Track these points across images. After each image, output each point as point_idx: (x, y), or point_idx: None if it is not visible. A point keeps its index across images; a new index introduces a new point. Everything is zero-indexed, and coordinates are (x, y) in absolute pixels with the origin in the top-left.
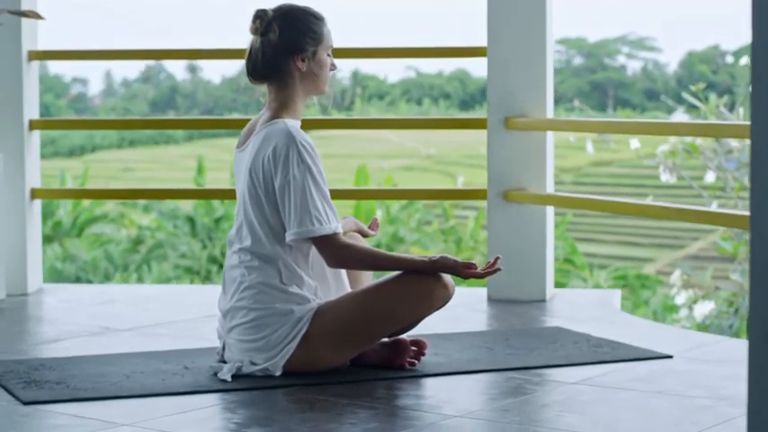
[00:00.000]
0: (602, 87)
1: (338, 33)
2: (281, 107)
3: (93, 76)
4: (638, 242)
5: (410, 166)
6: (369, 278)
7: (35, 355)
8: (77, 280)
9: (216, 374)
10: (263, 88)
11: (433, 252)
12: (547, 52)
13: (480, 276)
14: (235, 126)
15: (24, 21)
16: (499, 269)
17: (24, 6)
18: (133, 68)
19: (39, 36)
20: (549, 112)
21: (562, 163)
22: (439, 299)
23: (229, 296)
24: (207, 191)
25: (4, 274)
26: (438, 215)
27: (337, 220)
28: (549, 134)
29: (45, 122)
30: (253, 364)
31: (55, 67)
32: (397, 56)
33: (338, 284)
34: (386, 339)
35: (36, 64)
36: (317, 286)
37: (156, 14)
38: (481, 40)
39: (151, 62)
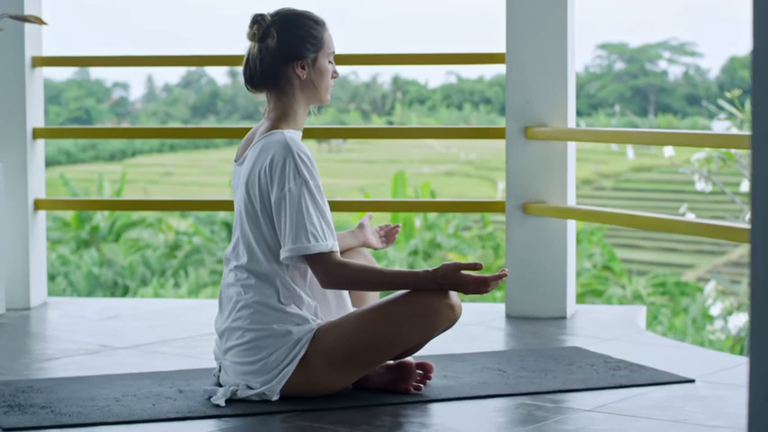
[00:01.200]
0: (644, 93)
1: (361, 38)
2: (281, 117)
3: (135, 80)
4: (678, 248)
5: (450, 172)
6: (375, 297)
7: (26, 376)
8: (114, 285)
9: (210, 399)
10: (262, 97)
11: (472, 259)
12: (568, 59)
13: (485, 284)
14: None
15: (27, 26)
16: (506, 275)
17: (28, 11)
18: (174, 73)
19: (44, 42)
20: (571, 122)
21: (603, 169)
22: (444, 320)
23: (225, 316)
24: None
25: (4, 288)
26: (476, 221)
27: (334, 238)
28: (571, 144)
29: (49, 131)
30: (248, 387)
31: (96, 71)
32: (411, 62)
33: (340, 304)
34: (391, 362)
35: (40, 71)
36: (317, 306)
37: (159, 20)
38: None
39: (192, 67)
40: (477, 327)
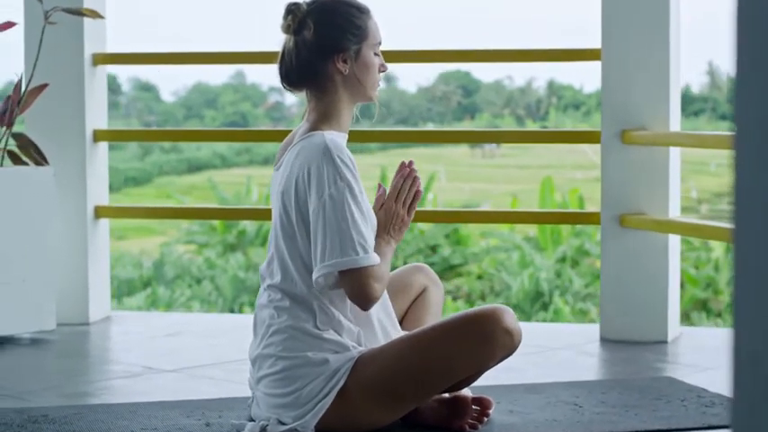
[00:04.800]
0: None
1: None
2: (322, 118)
3: None
4: None
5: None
6: (433, 317)
7: (49, 402)
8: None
9: None
10: (302, 96)
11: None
12: (671, 53)
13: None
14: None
15: (89, 21)
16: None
17: (88, 5)
18: None
19: (108, 38)
20: (675, 125)
21: None
22: (501, 348)
23: (258, 341)
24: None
25: (55, 302)
26: None
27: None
28: (674, 150)
29: (111, 133)
30: (280, 423)
31: (252, 75)
32: (497, 59)
33: (386, 332)
34: (446, 394)
35: (102, 69)
36: (360, 332)
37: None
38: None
39: None
40: (566, 351)
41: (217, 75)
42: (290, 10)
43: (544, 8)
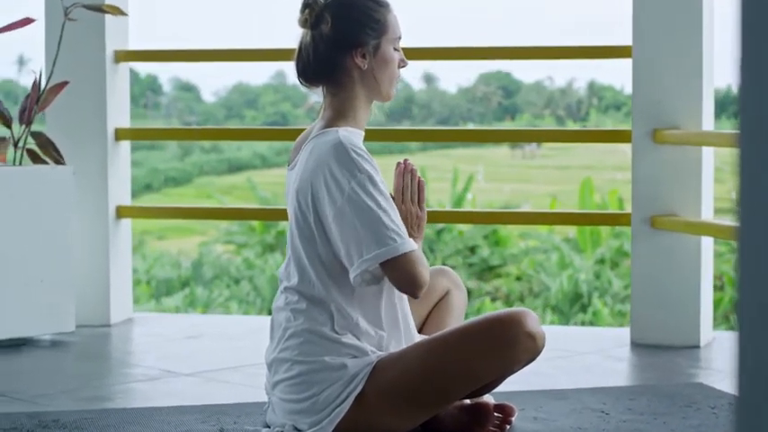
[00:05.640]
0: None
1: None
2: (338, 115)
3: None
4: None
5: None
6: (456, 319)
7: (63, 405)
8: None
9: None
10: (319, 93)
11: None
12: (704, 50)
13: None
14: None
15: (111, 18)
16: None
17: (110, 1)
18: None
19: (130, 35)
20: (708, 124)
21: None
22: (524, 352)
23: (274, 345)
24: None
25: (74, 303)
26: None
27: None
28: (707, 150)
29: (134, 132)
30: (296, 429)
31: (293, 76)
32: (530, 57)
33: (408, 335)
34: (467, 400)
35: (125, 66)
36: (383, 337)
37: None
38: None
39: None
40: (595, 356)
41: (257, 75)
42: (308, 4)
43: (543, 8)
